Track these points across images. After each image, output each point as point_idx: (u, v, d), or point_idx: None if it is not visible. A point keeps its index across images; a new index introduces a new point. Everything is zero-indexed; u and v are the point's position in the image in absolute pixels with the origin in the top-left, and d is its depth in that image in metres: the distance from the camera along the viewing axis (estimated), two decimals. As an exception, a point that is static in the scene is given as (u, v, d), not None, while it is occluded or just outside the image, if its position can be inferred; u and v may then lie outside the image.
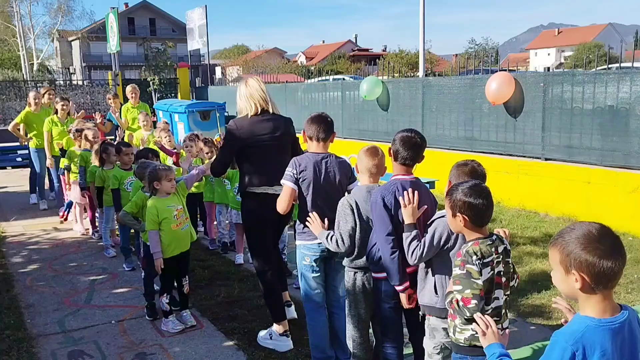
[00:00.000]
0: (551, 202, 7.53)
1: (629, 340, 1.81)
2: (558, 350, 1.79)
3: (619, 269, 1.75)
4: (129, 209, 4.64)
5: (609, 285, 1.77)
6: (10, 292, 5.27)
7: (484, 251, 2.46)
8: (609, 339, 1.76)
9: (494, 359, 2.04)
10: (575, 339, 1.77)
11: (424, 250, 2.78)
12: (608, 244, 1.77)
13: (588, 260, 1.75)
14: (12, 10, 37.18)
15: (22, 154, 12.83)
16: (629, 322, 1.82)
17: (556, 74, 7.93)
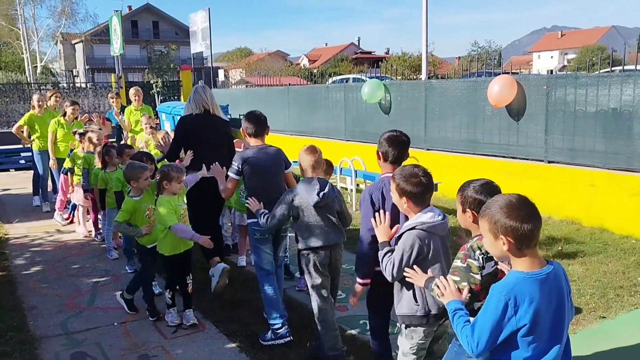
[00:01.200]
0: (554, 205, 7.52)
1: (555, 289, 2.09)
2: (494, 301, 2.06)
3: (537, 230, 2.07)
4: (121, 218, 4.63)
5: (531, 244, 2.07)
6: (14, 294, 5.29)
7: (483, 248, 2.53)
8: (537, 288, 2.04)
9: (451, 311, 2.30)
10: (507, 290, 2.04)
11: (396, 268, 2.85)
12: (526, 210, 2.10)
13: (512, 225, 2.05)
14: (16, 13, 37.30)
15: (25, 157, 12.85)
16: (555, 274, 2.10)
17: (559, 77, 7.92)
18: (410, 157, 6.20)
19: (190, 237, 4.30)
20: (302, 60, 75.69)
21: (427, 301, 2.88)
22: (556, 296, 2.10)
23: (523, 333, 2.06)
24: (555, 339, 2.11)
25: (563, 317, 2.13)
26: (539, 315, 2.05)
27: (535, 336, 2.07)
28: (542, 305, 2.04)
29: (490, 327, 2.07)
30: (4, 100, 16.25)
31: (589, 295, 4.88)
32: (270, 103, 14.73)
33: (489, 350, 2.12)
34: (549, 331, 2.09)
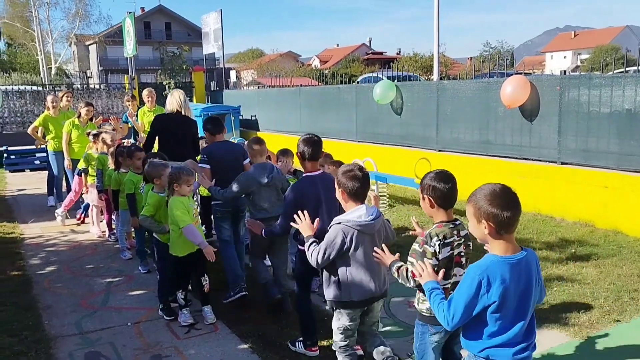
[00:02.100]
0: (567, 206, 7.46)
1: (525, 273, 2.34)
2: (469, 280, 2.32)
3: (516, 218, 2.31)
4: (148, 212, 4.69)
5: (509, 230, 2.32)
6: (29, 293, 5.35)
7: (445, 233, 2.83)
8: (507, 270, 2.29)
9: (428, 291, 2.53)
10: (482, 270, 2.29)
11: (321, 255, 3.20)
12: (507, 199, 2.32)
13: (493, 212, 2.29)
14: (31, 15, 37.71)
15: (40, 157, 13.01)
16: (526, 260, 2.35)
17: (572, 77, 7.86)
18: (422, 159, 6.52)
19: (199, 243, 4.34)
20: (313, 61, 75.70)
21: (351, 289, 3.23)
22: (525, 280, 2.35)
23: (492, 309, 2.31)
24: (519, 317, 2.35)
25: (529, 298, 2.37)
26: (507, 295, 2.29)
27: (502, 313, 2.32)
28: (510, 286, 2.29)
29: (465, 302, 2.32)
30: (19, 101, 16.42)
31: (603, 298, 4.84)
32: (282, 104, 14.77)
33: (462, 323, 2.37)
34: (514, 310, 2.34)
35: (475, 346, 2.41)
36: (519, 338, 2.36)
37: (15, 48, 47.30)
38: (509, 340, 2.35)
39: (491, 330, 2.35)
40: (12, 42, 46.23)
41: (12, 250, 6.83)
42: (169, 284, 4.79)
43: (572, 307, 4.67)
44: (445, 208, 2.90)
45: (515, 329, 2.34)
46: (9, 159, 13.61)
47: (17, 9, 37.98)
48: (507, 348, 2.35)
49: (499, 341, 2.36)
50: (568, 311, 4.61)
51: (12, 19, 38.52)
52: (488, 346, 2.37)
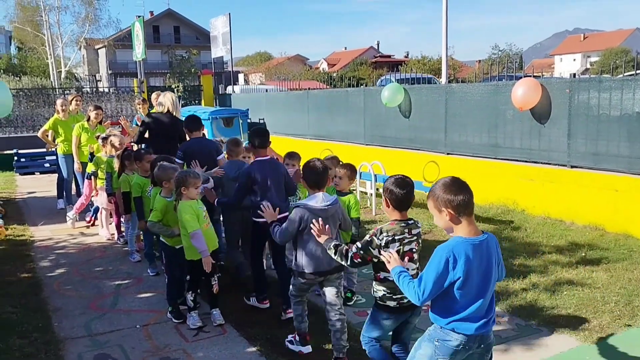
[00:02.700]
0: (577, 210, 7.41)
1: (486, 253, 2.62)
2: (437, 258, 2.58)
3: (469, 200, 2.59)
4: (155, 218, 4.70)
5: (467, 212, 2.59)
6: (39, 295, 5.38)
7: (396, 231, 3.14)
8: (470, 250, 2.56)
9: (396, 274, 2.81)
10: (448, 249, 2.56)
11: (283, 232, 3.82)
12: (457, 186, 2.62)
13: (448, 198, 2.58)
14: (42, 19, 37.97)
15: (50, 160, 13.10)
16: (487, 242, 2.63)
17: (582, 80, 7.82)
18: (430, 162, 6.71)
19: (201, 250, 4.35)
20: (321, 64, 75.84)
21: (304, 262, 3.79)
22: (486, 260, 2.62)
23: (458, 285, 2.57)
24: (481, 293, 2.62)
25: (490, 277, 2.64)
26: (470, 272, 2.56)
27: (466, 290, 2.58)
28: (473, 264, 2.56)
29: (434, 278, 2.58)
30: (29, 105, 16.56)
31: (613, 302, 4.80)
32: (290, 107, 14.79)
33: (431, 297, 2.63)
34: (477, 287, 2.60)
35: (442, 320, 2.67)
36: (481, 313, 2.63)
37: (26, 52, 47.67)
38: (471, 315, 2.61)
39: (456, 305, 2.61)
40: (22, 46, 46.62)
41: (22, 252, 6.87)
42: (177, 286, 4.80)
43: (583, 312, 4.64)
44: (399, 210, 3.19)
45: (477, 304, 2.61)
46: (19, 161, 13.71)
47: (27, 14, 38.28)
48: (470, 322, 2.61)
49: (463, 315, 2.61)
50: (578, 315, 4.58)
51: (23, 23, 38.83)
52: (453, 319, 2.63)
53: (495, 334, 4.27)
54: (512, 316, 4.63)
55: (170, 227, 4.67)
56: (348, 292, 5.00)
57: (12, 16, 38.91)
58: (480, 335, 2.66)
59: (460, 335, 2.63)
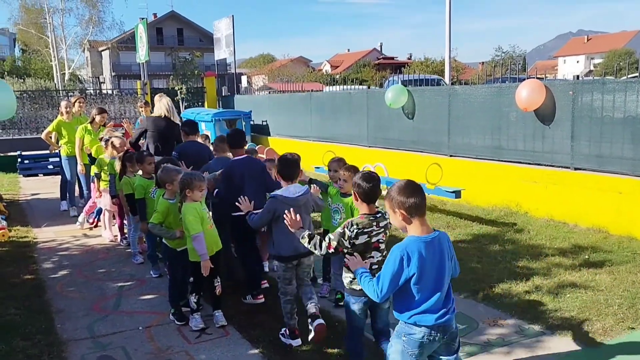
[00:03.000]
0: (581, 212, 7.39)
1: (438, 249, 2.83)
2: (392, 257, 2.80)
3: (420, 203, 2.81)
4: (157, 220, 4.71)
5: (418, 213, 2.81)
6: (42, 297, 5.40)
7: (365, 224, 3.38)
8: (423, 247, 2.77)
9: (358, 275, 3.11)
10: (402, 248, 2.78)
11: (259, 220, 4.25)
12: (411, 189, 2.83)
13: (401, 200, 2.80)
14: (46, 21, 38.16)
15: (53, 162, 13.13)
16: (439, 239, 2.85)
17: (586, 82, 7.80)
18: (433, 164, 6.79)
19: (201, 254, 4.36)
20: (324, 66, 75.88)
21: (280, 246, 4.18)
22: (438, 255, 2.83)
23: (414, 281, 2.77)
24: (437, 287, 2.82)
25: (444, 271, 2.84)
26: (424, 268, 2.76)
27: (422, 284, 2.78)
28: (427, 260, 2.77)
29: (390, 276, 2.80)
30: (33, 107, 16.61)
31: (617, 305, 4.78)
32: (293, 109, 14.80)
33: (390, 294, 2.85)
34: (433, 281, 2.80)
35: (403, 315, 2.87)
36: (439, 305, 2.82)
37: (30, 54, 47.85)
38: (430, 307, 2.81)
39: (415, 300, 2.81)
40: (26, 48, 46.79)
41: (26, 254, 6.89)
42: (179, 288, 4.81)
43: (586, 314, 4.62)
44: (367, 203, 3.43)
45: (435, 297, 2.80)
46: (22, 163, 13.76)
47: (31, 16, 38.45)
48: (430, 314, 2.81)
49: (422, 308, 2.81)
50: (581, 318, 4.56)
51: (27, 25, 39.01)
52: (414, 313, 2.82)
53: (498, 336, 4.28)
54: (515, 318, 4.62)
55: (172, 230, 4.68)
56: (338, 293, 5.00)
57: (17, 18, 39.15)
58: (442, 326, 2.84)
59: (422, 328, 2.83)
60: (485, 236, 7.09)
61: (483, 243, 6.80)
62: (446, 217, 8.13)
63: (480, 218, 8.00)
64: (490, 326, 4.51)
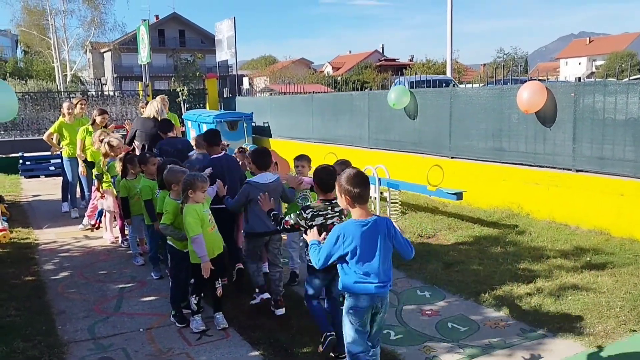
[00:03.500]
0: (582, 214, 7.38)
1: (374, 232, 3.27)
2: (332, 235, 3.30)
3: (364, 193, 3.27)
4: (168, 220, 4.69)
5: (361, 201, 3.27)
6: (42, 298, 5.40)
7: (320, 208, 3.95)
8: (359, 229, 3.25)
9: (311, 244, 3.54)
10: (341, 228, 3.30)
11: (235, 202, 4.90)
12: (358, 179, 3.27)
13: (347, 188, 3.26)
14: (48, 23, 38.20)
15: (55, 163, 13.14)
16: (375, 223, 3.29)
17: (587, 84, 7.79)
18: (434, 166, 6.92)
19: (201, 256, 4.36)
20: (325, 68, 75.90)
21: (253, 225, 4.81)
22: (374, 237, 3.28)
23: (349, 257, 3.26)
24: (374, 264, 3.27)
25: (379, 251, 3.28)
26: (360, 246, 3.24)
27: (357, 259, 3.26)
28: (363, 240, 3.24)
29: (328, 249, 3.31)
30: (35, 108, 16.62)
31: (618, 307, 4.77)
32: (294, 111, 14.80)
33: (325, 264, 3.36)
34: (370, 259, 3.27)
35: (348, 285, 3.34)
36: (377, 278, 3.28)
37: (32, 55, 47.91)
38: (369, 280, 3.28)
39: (356, 273, 3.28)
40: (28, 49, 46.84)
41: (27, 255, 6.89)
42: (182, 290, 4.80)
43: (587, 317, 4.61)
44: (324, 191, 3.98)
45: (373, 270, 3.27)
46: (24, 164, 13.77)
47: (34, 17, 38.49)
48: (370, 284, 3.28)
49: (363, 280, 3.28)
50: (583, 320, 4.55)
51: (29, 27, 39.06)
52: (356, 283, 3.29)
53: (499, 338, 4.27)
54: (517, 321, 4.61)
55: (182, 230, 4.65)
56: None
57: (19, 20, 39.19)
58: (380, 297, 3.35)
59: (364, 296, 3.30)
60: (486, 238, 7.08)
61: (484, 245, 6.79)
62: (447, 218, 8.12)
63: (481, 220, 7.99)
64: (492, 328, 4.50)
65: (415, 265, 6.08)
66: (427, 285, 5.51)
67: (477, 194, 8.78)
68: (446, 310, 4.89)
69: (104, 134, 7.85)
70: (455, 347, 4.20)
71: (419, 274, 5.82)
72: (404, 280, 5.68)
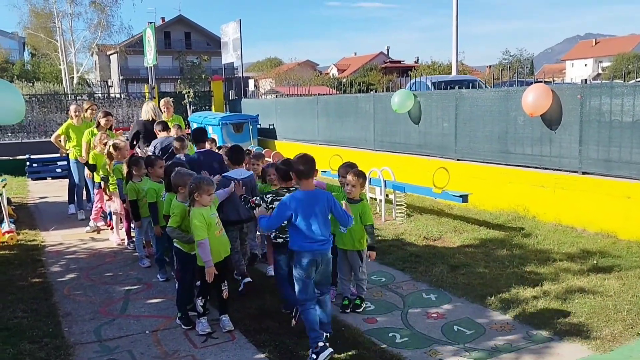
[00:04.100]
0: (589, 217, 7.34)
1: (313, 201, 4.09)
2: (281, 203, 4.15)
3: (308, 170, 4.11)
4: (175, 223, 4.69)
5: (304, 177, 4.11)
6: (49, 300, 5.42)
7: (280, 193, 4.67)
8: (302, 199, 4.08)
9: (260, 219, 4.33)
10: (288, 197, 4.17)
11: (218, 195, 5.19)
12: (303, 160, 4.13)
13: (294, 167, 4.14)
14: (55, 26, 38.37)
15: (61, 165, 13.21)
16: (315, 194, 4.13)
17: (594, 86, 7.76)
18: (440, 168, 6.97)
19: (205, 260, 4.36)
20: (331, 70, 75.89)
21: (227, 213, 5.27)
22: (314, 205, 4.09)
23: (293, 219, 4.07)
24: (313, 226, 4.07)
25: (317, 216, 4.09)
26: (302, 212, 4.06)
27: (302, 223, 4.06)
28: (304, 208, 4.06)
29: (277, 212, 4.14)
30: (42, 111, 16.71)
31: (626, 311, 4.74)
32: (300, 113, 14.82)
33: (275, 225, 4.26)
34: (310, 222, 4.07)
35: (296, 245, 4.12)
36: (317, 237, 4.07)
37: (39, 58, 48.18)
38: (311, 238, 4.07)
39: (300, 234, 4.07)
40: (35, 52, 47.10)
41: (34, 257, 6.93)
42: (188, 292, 4.81)
43: (594, 320, 4.59)
44: (284, 180, 4.73)
45: (315, 232, 4.07)
46: (31, 167, 13.85)
47: (40, 20, 38.69)
48: (311, 243, 4.07)
49: (306, 239, 4.07)
50: (590, 324, 4.52)
51: (36, 29, 39.26)
52: (301, 242, 4.08)
53: (505, 342, 4.25)
54: (523, 324, 4.59)
55: (189, 233, 4.65)
56: (357, 299, 4.98)
57: (26, 23, 39.35)
58: (321, 252, 4.12)
59: (307, 253, 4.07)
60: (492, 241, 7.06)
61: (490, 248, 6.77)
62: (453, 221, 8.10)
63: (487, 222, 7.97)
64: (498, 331, 4.49)
65: (420, 268, 6.06)
66: (433, 288, 5.50)
67: (483, 197, 8.75)
68: (452, 313, 4.88)
69: (104, 136, 7.89)
70: (461, 350, 4.18)
71: (424, 276, 5.81)
72: (410, 283, 5.67)
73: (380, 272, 6.01)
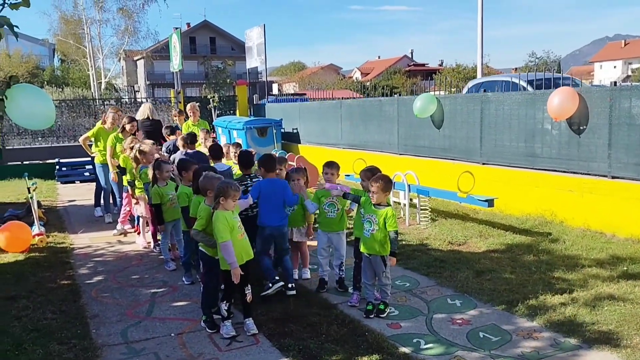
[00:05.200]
0: (619, 222, 7.19)
1: (272, 188, 5.38)
2: (253, 187, 5.56)
3: (269, 165, 5.50)
4: (200, 226, 4.73)
5: (268, 170, 5.47)
6: (77, 302, 5.52)
7: (242, 179, 5.79)
8: (265, 185, 5.41)
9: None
10: (258, 182, 5.56)
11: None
12: (266, 158, 5.56)
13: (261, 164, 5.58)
14: (84, 32, 39.24)
15: (89, 169, 13.45)
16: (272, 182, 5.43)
17: (624, 89, 7.60)
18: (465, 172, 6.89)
19: (230, 262, 4.39)
20: (354, 74, 75.90)
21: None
22: (270, 190, 5.33)
23: (259, 200, 5.31)
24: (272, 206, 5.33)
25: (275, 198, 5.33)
26: (265, 195, 5.32)
27: (261, 201, 5.33)
28: (264, 191, 5.33)
29: (252, 192, 5.24)
30: (71, 115, 17.04)
31: (657, 319, 4.62)
32: (323, 117, 14.84)
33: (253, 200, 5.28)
34: (271, 202, 5.32)
35: (259, 220, 5.35)
36: (274, 215, 5.34)
37: (68, 64, 49.31)
38: (269, 216, 5.33)
39: (263, 212, 5.36)
40: (65, 58, 48.17)
41: (63, 259, 7.06)
42: (213, 296, 4.84)
43: (624, 328, 4.48)
44: (245, 168, 5.92)
45: (270, 211, 5.33)
46: (60, 170, 14.14)
47: (70, 27, 39.58)
48: (270, 220, 5.31)
49: (267, 216, 5.32)
50: (620, 332, 4.42)
51: (66, 36, 40.18)
52: (262, 218, 5.35)
53: (532, 349, 4.19)
54: (550, 331, 4.51)
55: (214, 237, 4.68)
56: (381, 304, 4.96)
57: (56, 30, 40.32)
58: (276, 228, 5.37)
59: (267, 227, 5.34)
60: (519, 246, 6.95)
61: (517, 253, 6.67)
62: (478, 226, 8.01)
63: (513, 227, 7.86)
64: (525, 339, 4.41)
65: (445, 273, 6.01)
66: (458, 294, 5.44)
67: (508, 201, 8.64)
68: (477, 320, 4.82)
69: (134, 140, 7.98)
70: (486, 357, 4.13)
71: (449, 282, 5.76)
72: (435, 289, 5.63)
73: (404, 277, 5.97)
